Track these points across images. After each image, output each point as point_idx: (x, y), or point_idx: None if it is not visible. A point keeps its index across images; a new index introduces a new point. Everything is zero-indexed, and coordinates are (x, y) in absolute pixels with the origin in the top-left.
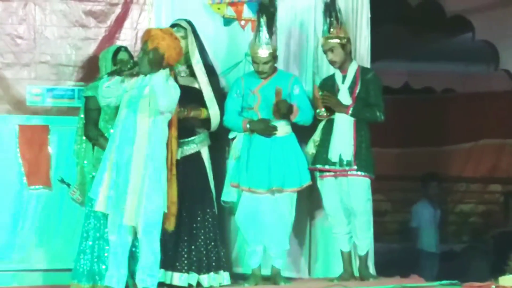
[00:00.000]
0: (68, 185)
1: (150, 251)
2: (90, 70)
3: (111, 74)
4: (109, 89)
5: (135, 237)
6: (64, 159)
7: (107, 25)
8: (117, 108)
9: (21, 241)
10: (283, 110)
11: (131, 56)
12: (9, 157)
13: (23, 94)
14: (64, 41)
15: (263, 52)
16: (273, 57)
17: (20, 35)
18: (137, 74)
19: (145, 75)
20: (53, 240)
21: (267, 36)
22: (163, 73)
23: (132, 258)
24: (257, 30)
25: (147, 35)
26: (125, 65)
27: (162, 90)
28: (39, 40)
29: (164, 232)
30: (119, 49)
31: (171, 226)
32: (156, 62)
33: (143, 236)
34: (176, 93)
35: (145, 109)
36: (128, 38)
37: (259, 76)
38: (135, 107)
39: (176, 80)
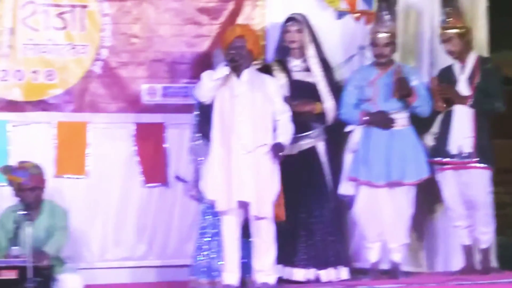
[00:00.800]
0: (185, 181)
1: (267, 246)
2: (205, 67)
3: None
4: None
5: (247, 233)
6: (181, 155)
7: (220, 21)
8: None
9: (139, 238)
10: (404, 86)
11: None
12: (126, 155)
13: (139, 93)
14: (178, 39)
15: (384, 34)
16: (393, 41)
17: (135, 34)
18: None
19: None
20: (170, 236)
21: (389, 18)
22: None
23: (247, 253)
24: (378, 13)
25: (241, 30)
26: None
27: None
28: (153, 39)
29: (281, 228)
30: None
31: (282, 216)
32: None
33: (262, 231)
34: None
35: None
36: None
37: (377, 60)
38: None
39: (290, 75)
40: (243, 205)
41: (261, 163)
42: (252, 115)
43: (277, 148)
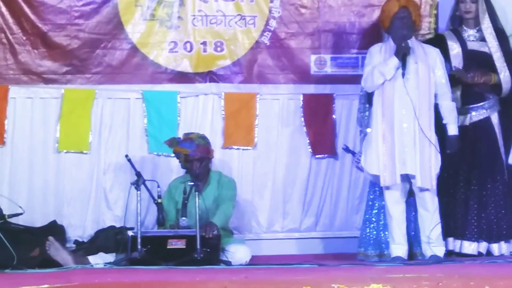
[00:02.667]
0: (353, 153)
1: (432, 218)
2: (374, 38)
3: None
4: None
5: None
6: (348, 127)
7: None
8: None
9: (306, 210)
10: None
11: None
12: (294, 127)
13: (307, 64)
14: (348, 9)
15: None
16: None
17: (304, 5)
18: None
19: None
20: (338, 208)
21: None
22: None
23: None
24: None
25: (405, 1)
26: None
27: None
28: (322, 9)
29: (453, 201)
30: None
31: None
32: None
33: (427, 202)
34: None
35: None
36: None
37: None
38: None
39: (464, 45)
40: (406, 178)
41: (423, 134)
42: (415, 86)
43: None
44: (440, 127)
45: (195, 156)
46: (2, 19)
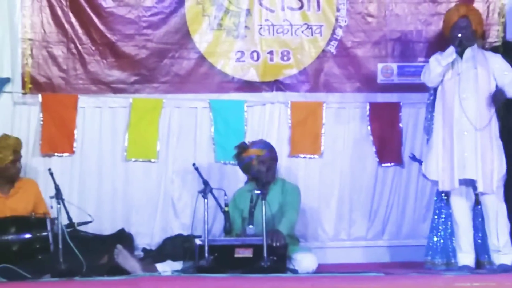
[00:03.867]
0: (420, 162)
1: (499, 225)
2: (441, 46)
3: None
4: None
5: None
6: (415, 135)
7: None
8: None
9: (373, 218)
10: None
11: None
12: (360, 135)
13: (374, 72)
14: (414, 17)
15: None
16: None
17: (370, 13)
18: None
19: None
20: (405, 216)
21: None
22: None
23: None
24: None
25: (465, 10)
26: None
27: None
28: (389, 18)
29: None
30: None
31: None
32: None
33: (490, 208)
34: None
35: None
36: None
37: None
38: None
39: None
40: (471, 184)
41: (485, 139)
42: (475, 92)
43: (497, 95)
44: (504, 134)
45: (268, 156)
46: (71, 29)
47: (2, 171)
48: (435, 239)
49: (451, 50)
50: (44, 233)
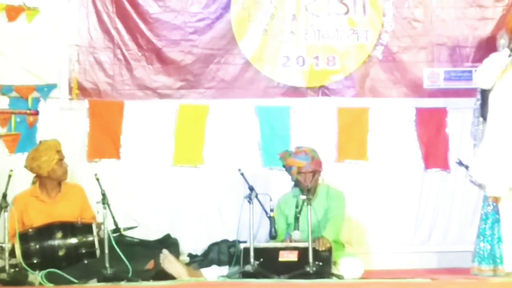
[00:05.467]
0: (466, 167)
1: None
2: (487, 51)
3: None
4: None
5: None
6: (462, 141)
7: (505, 3)
8: None
9: (419, 223)
10: None
11: None
12: (406, 140)
13: (420, 77)
14: (461, 22)
15: None
16: None
17: (416, 18)
18: None
19: None
20: (451, 222)
21: None
22: None
23: None
24: None
25: None
26: None
27: None
28: (435, 22)
29: None
30: None
31: None
32: None
33: None
34: None
35: None
36: None
37: None
38: None
39: None
40: None
41: None
42: None
43: None
44: None
45: (308, 169)
46: (118, 35)
47: (50, 174)
48: (482, 244)
49: (507, 52)
50: (90, 238)
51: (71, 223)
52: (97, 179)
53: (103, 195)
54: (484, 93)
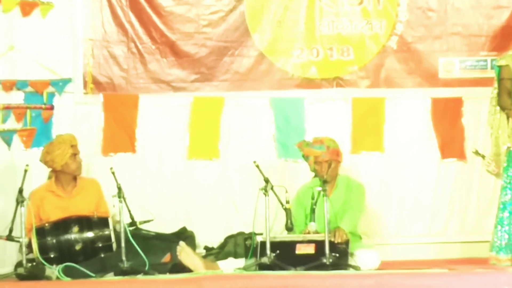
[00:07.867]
0: (483, 156)
1: None
2: (503, 39)
3: None
4: None
5: None
6: (478, 130)
7: None
8: None
9: (436, 214)
10: None
11: None
12: (422, 131)
13: (435, 67)
14: (476, 11)
15: None
16: None
17: (431, 8)
18: None
19: None
20: (468, 212)
21: None
22: None
23: None
24: None
25: None
26: None
27: None
28: (450, 12)
29: None
30: None
31: None
32: None
33: None
34: None
35: None
36: None
37: None
38: None
39: None
40: None
41: None
42: None
43: None
44: None
45: (324, 158)
46: (132, 29)
47: (64, 168)
48: (499, 234)
49: None
50: (107, 232)
51: (87, 217)
52: (113, 173)
53: (119, 188)
54: (501, 83)
